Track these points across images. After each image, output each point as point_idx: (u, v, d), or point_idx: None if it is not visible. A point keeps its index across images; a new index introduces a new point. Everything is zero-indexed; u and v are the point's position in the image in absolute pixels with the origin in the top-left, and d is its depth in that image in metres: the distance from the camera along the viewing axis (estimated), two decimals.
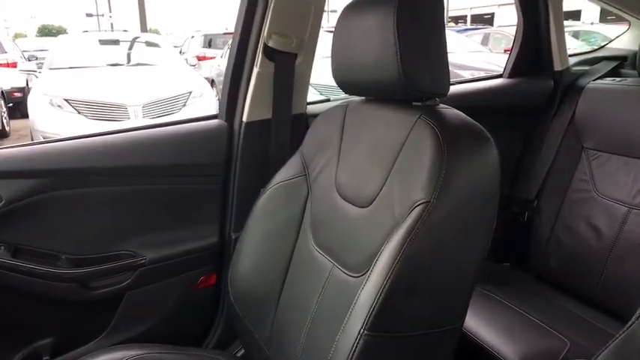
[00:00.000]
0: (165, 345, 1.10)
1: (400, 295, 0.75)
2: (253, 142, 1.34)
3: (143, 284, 1.29)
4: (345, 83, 0.99)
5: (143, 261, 1.28)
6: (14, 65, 7.95)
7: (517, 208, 1.65)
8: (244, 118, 1.33)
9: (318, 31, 1.33)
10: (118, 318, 1.29)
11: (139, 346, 1.07)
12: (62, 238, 1.22)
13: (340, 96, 1.43)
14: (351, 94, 1.02)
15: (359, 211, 0.90)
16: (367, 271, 0.80)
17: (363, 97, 1.02)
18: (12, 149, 1.19)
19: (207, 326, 1.42)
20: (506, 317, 1.33)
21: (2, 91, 7.00)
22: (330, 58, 0.98)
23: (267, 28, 1.26)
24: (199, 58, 8.80)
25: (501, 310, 1.37)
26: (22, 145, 1.19)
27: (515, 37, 1.75)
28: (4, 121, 6.71)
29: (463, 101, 0.95)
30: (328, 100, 1.55)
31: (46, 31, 41.76)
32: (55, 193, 1.18)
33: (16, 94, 7.37)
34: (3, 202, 1.12)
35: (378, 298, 0.73)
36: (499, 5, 24.05)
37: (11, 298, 1.18)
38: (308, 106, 1.44)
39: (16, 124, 6.92)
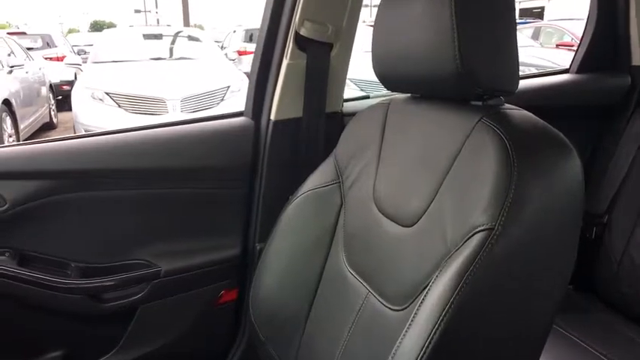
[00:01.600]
0: None
1: (456, 342, 0.61)
2: (282, 143, 1.21)
3: (158, 297, 1.18)
4: (387, 78, 0.85)
5: (158, 272, 1.17)
6: (62, 59, 8.20)
7: (583, 224, 1.45)
8: (272, 116, 1.19)
9: (358, 17, 1.17)
10: (130, 334, 1.18)
11: None
12: (71, 245, 1.12)
13: (382, 92, 1.28)
14: (394, 90, 0.89)
15: (401, 231, 0.77)
16: (410, 305, 0.69)
17: (409, 95, 0.88)
18: (17, 147, 1.09)
19: (227, 347, 1.30)
20: (575, 355, 1.15)
21: (51, 84, 7.23)
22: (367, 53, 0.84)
23: (299, 14, 1.11)
24: (240, 53, 8.80)
25: (568, 346, 1.18)
26: (29, 143, 1.09)
27: (585, 28, 1.55)
28: (53, 113, 6.93)
29: (523, 100, 0.78)
30: (367, 98, 1.40)
31: (97, 27, 43.35)
32: (64, 195, 1.08)
33: (64, 87, 7.60)
34: (7, 205, 1.03)
35: (428, 344, 0.59)
36: None
37: (18, 308, 1.10)
38: (344, 104, 1.30)
39: (64, 116, 7.12)
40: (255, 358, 1.21)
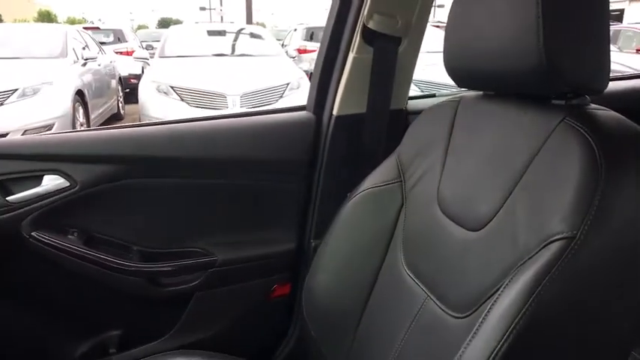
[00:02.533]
0: (231, 357, 0.99)
1: (525, 356, 0.57)
2: (343, 139, 1.18)
3: (213, 286, 1.19)
4: (459, 74, 0.81)
5: (214, 261, 1.18)
6: (132, 53, 8.58)
7: None
8: (335, 111, 1.17)
9: (429, 12, 1.13)
10: (185, 319, 1.20)
11: (204, 354, 0.99)
12: (134, 229, 1.15)
13: (443, 92, 1.22)
14: (466, 87, 0.84)
15: (467, 235, 0.72)
16: (473, 313, 0.64)
17: (481, 92, 0.83)
18: (89, 132, 1.13)
19: (277, 340, 1.30)
20: None
21: (120, 77, 7.56)
22: (435, 53, 0.79)
23: (368, 6, 1.08)
24: (300, 51, 8.86)
25: None
26: (101, 129, 1.13)
27: None
28: (120, 104, 7.25)
29: (610, 102, 0.72)
30: (433, 96, 1.35)
31: (164, 24, 45.04)
32: (129, 181, 1.11)
33: (132, 80, 7.92)
34: (77, 187, 1.06)
35: (494, 356, 0.55)
36: (630, 1, 21.86)
37: (82, 286, 1.14)
38: (409, 102, 1.26)
39: (131, 108, 7.43)
40: (305, 354, 1.20)
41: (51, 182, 1.05)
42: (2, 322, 1.10)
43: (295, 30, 12.12)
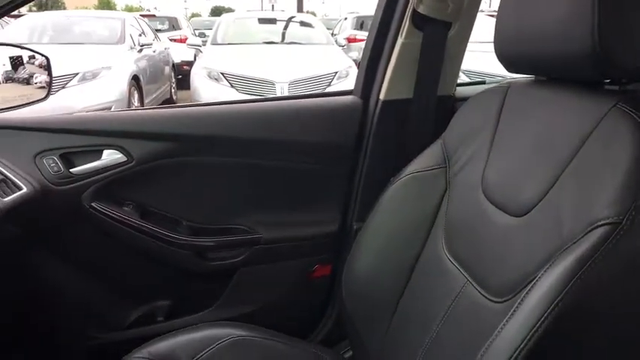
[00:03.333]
0: (270, 331, 1.03)
1: (561, 341, 0.56)
2: (389, 124, 1.19)
3: (256, 263, 1.24)
4: (510, 59, 0.80)
5: (259, 239, 1.22)
6: (185, 40, 8.80)
7: None
8: (382, 96, 1.18)
9: None
10: (229, 293, 1.25)
11: (245, 326, 1.03)
12: (185, 205, 1.21)
13: (493, 79, 1.20)
14: (517, 72, 0.82)
15: (510, 221, 0.72)
16: (513, 297, 0.64)
17: (532, 78, 0.82)
18: (146, 111, 1.19)
19: (317, 319, 1.33)
20: None
21: (174, 64, 7.78)
22: (482, 43, 0.79)
23: None
24: (349, 40, 8.83)
25: None
26: (156, 108, 1.19)
27: None
28: (173, 90, 7.46)
29: None
30: (483, 83, 1.33)
31: (217, 12, 45.79)
32: (182, 158, 1.17)
33: (185, 66, 8.14)
34: (133, 162, 1.12)
35: (530, 338, 0.55)
36: None
37: (135, 257, 1.20)
38: (458, 88, 1.25)
39: (183, 94, 7.64)
40: (343, 334, 1.22)
41: (110, 157, 1.11)
42: (63, 285, 1.18)
43: (345, 19, 12.08)
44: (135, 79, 5.45)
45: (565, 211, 0.63)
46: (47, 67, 1.22)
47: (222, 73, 4.98)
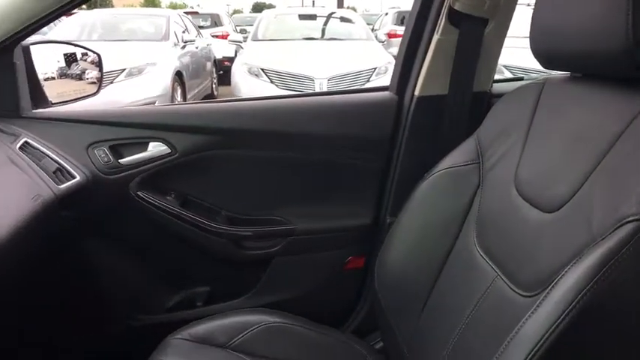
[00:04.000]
0: (303, 319, 1.07)
1: (583, 336, 0.57)
2: (424, 120, 1.20)
3: (291, 253, 1.28)
4: (545, 55, 0.80)
5: (293, 230, 1.26)
6: (226, 37, 8.96)
7: None
8: (417, 92, 1.19)
9: None
10: (265, 281, 1.30)
11: (279, 313, 1.07)
12: (223, 196, 1.26)
13: (532, 76, 1.20)
14: (552, 68, 0.83)
15: (542, 217, 0.72)
16: (541, 292, 0.64)
17: (568, 74, 0.82)
18: (189, 105, 1.24)
19: (349, 310, 1.36)
20: None
21: (215, 60, 7.94)
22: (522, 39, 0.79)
23: None
24: (390, 36, 8.77)
25: None
26: (199, 103, 1.24)
27: None
28: (214, 86, 7.63)
29: None
30: (521, 80, 1.32)
31: (258, 8, 46.25)
32: (222, 151, 1.22)
33: (226, 62, 8.29)
34: (177, 154, 1.18)
35: (553, 331, 0.56)
36: None
37: (177, 243, 1.26)
38: (494, 85, 1.24)
39: (224, 89, 7.80)
40: (374, 326, 1.25)
41: (155, 149, 1.18)
42: (109, 268, 1.25)
43: (386, 14, 12.01)
44: (178, 74, 5.61)
45: (595, 208, 0.63)
46: (99, 64, 1.29)
47: (262, 69, 5.06)
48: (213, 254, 1.27)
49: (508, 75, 4.46)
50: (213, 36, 9.29)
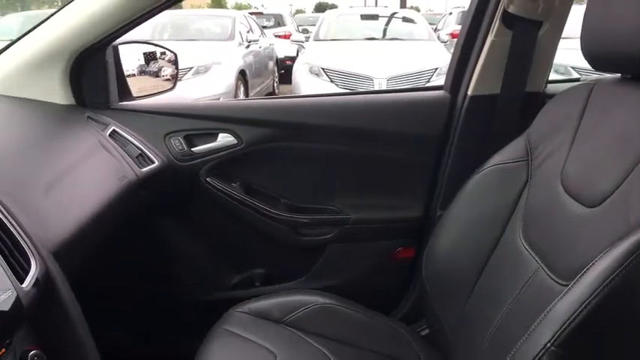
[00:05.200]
0: (354, 303, 1.14)
1: (608, 320, 0.61)
2: (475, 119, 1.25)
3: (344, 241, 1.36)
4: (595, 56, 0.82)
5: (348, 219, 1.34)
6: (289, 37, 9.16)
7: None
8: (470, 91, 1.24)
9: None
10: (319, 266, 1.39)
11: (331, 296, 1.14)
12: (284, 185, 1.36)
13: (592, 77, 1.20)
14: (601, 70, 0.85)
15: (584, 211, 0.76)
16: (576, 280, 0.67)
17: (618, 76, 0.84)
18: (256, 101, 1.35)
19: (398, 298, 1.42)
20: None
21: (277, 59, 8.14)
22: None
23: None
24: (453, 36, 8.61)
25: None
26: (265, 98, 1.34)
27: None
28: (275, 84, 7.82)
29: None
30: (577, 80, 1.33)
31: (320, 8, 46.56)
32: (284, 143, 1.31)
33: (287, 62, 8.46)
34: (243, 144, 1.29)
35: (579, 313, 0.60)
36: None
37: (240, 227, 1.37)
38: (549, 85, 1.27)
39: (284, 88, 7.99)
40: (421, 314, 1.30)
41: (223, 139, 1.29)
42: (179, 247, 1.38)
43: (450, 14, 11.80)
44: (242, 73, 5.81)
45: (633, 203, 0.66)
46: (175, 62, 1.42)
47: (322, 69, 5.15)
48: (273, 239, 1.37)
49: (576, 76, 4.32)
50: (276, 36, 9.50)
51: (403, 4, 17.57)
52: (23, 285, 0.62)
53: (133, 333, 1.38)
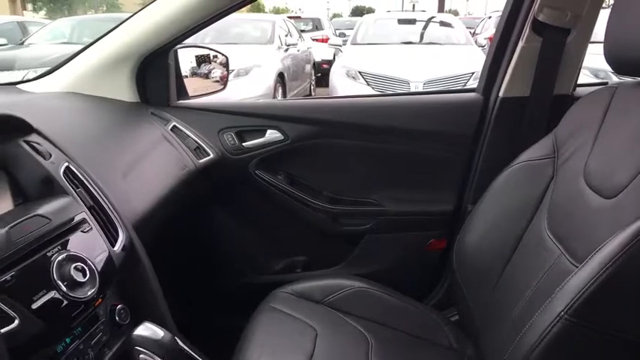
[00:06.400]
0: (389, 288, 1.22)
1: (614, 292, 0.68)
2: (506, 119, 1.33)
3: (381, 231, 1.46)
4: (618, 61, 0.89)
5: (384, 211, 1.44)
6: (326, 40, 9.28)
7: None
8: (501, 93, 1.32)
9: (600, 4, 1.20)
10: (356, 254, 1.49)
11: (368, 281, 1.23)
12: (325, 179, 1.47)
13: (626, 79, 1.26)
14: (624, 74, 0.91)
15: (602, 202, 0.83)
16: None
17: (639, 79, 0.90)
18: (300, 100, 1.47)
19: (430, 286, 1.51)
20: None
21: (314, 62, 8.27)
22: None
23: (539, 1, 1.21)
24: (491, 40, 8.57)
25: None
26: (308, 99, 1.46)
27: None
28: (312, 87, 7.95)
29: None
30: (606, 84, 1.39)
31: (358, 12, 46.63)
32: (326, 140, 1.42)
33: (324, 65, 8.59)
34: (289, 140, 1.41)
35: (590, 286, 0.68)
36: None
37: (284, 216, 1.49)
38: (578, 89, 1.33)
39: (320, 91, 8.11)
40: (451, 302, 1.38)
41: (271, 135, 1.41)
42: (229, 232, 1.51)
43: (489, 18, 11.70)
44: (280, 75, 5.94)
45: None
46: (225, 65, 1.55)
47: (359, 72, 5.21)
48: (314, 228, 1.48)
49: (616, 81, 4.24)
50: (313, 39, 9.62)
51: (441, 8, 17.47)
52: (115, 249, 0.75)
53: (190, 309, 1.51)
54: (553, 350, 0.70)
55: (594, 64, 3.61)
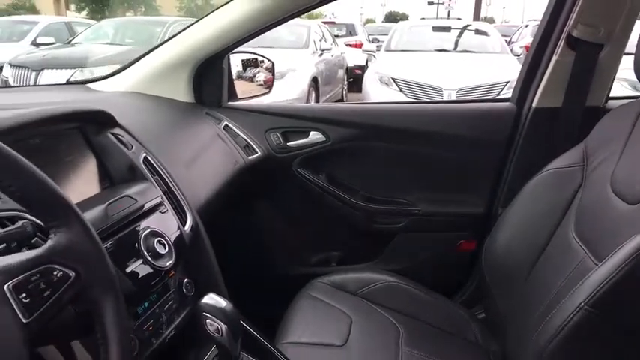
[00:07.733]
0: (420, 285, 1.29)
1: (631, 287, 0.74)
2: (538, 128, 1.39)
3: (412, 230, 1.54)
4: None
5: (417, 211, 1.52)
6: (360, 46, 9.35)
7: None
8: (534, 104, 1.39)
9: (634, 20, 1.26)
10: (389, 251, 1.57)
11: (399, 276, 1.30)
12: (362, 179, 1.56)
13: None
14: None
15: (627, 208, 0.88)
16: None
17: None
18: (344, 105, 1.57)
19: (459, 284, 1.58)
20: None
21: (347, 67, 8.35)
22: None
23: (574, 18, 1.27)
24: (527, 49, 8.48)
25: None
26: (350, 103, 1.55)
27: None
28: (344, 92, 8.03)
29: None
30: (637, 98, 1.44)
31: (391, 18, 46.51)
32: (365, 142, 1.51)
33: (357, 70, 8.65)
34: (330, 142, 1.50)
35: (609, 280, 0.73)
36: None
37: (323, 213, 1.58)
38: (611, 101, 1.38)
39: (352, 96, 8.19)
40: (480, 298, 1.45)
41: (314, 136, 1.51)
42: (271, 226, 1.60)
43: (526, 26, 11.59)
44: (314, 80, 6.02)
45: None
46: (271, 70, 1.65)
47: (392, 78, 5.24)
48: (350, 224, 1.57)
49: None
50: (347, 45, 9.70)
51: (477, 16, 17.33)
52: (185, 228, 0.86)
53: (233, 294, 1.61)
54: (573, 338, 0.77)
55: (633, 76, 3.59)
